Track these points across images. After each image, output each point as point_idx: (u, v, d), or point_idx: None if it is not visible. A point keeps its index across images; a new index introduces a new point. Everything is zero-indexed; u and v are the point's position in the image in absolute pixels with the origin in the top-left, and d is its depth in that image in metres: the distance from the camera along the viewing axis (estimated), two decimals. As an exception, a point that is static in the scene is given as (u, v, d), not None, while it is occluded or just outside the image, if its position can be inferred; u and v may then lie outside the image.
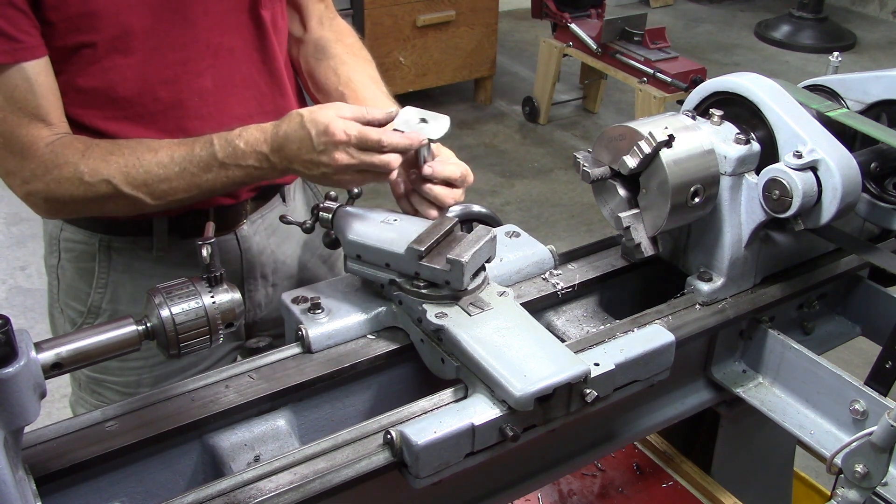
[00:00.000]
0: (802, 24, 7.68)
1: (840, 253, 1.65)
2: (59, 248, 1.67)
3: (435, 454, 1.13)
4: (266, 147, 1.39)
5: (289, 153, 1.37)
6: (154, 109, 1.50)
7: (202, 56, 1.51)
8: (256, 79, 1.60)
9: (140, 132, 1.50)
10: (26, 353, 0.92)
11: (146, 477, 1.22)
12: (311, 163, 1.36)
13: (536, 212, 5.02)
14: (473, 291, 1.32)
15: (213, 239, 1.11)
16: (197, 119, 1.54)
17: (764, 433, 1.82)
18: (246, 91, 1.59)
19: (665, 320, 1.46)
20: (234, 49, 1.55)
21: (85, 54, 1.42)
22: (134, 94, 1.48)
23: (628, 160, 1.40)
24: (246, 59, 1.58)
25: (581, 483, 1.81)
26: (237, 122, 1.58)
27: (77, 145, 1.42)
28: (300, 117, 1.36)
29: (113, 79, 1.45)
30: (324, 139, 1.33)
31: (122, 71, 1.45)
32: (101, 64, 1.43)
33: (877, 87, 1.60)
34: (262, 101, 1.62)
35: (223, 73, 1.55)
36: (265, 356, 1.34)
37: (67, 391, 1.88)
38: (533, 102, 5.99)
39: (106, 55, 1.43)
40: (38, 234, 1.79)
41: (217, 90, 1.54)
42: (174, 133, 1.52)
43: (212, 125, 1.55)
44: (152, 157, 1.42)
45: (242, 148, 1.40)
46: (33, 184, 1.42)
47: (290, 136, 1.37)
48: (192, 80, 1.51)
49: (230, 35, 1.53)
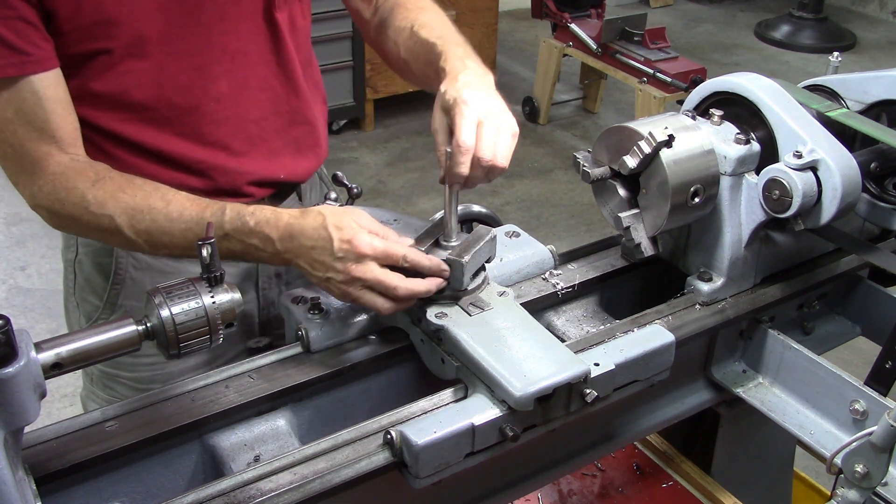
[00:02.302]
0: (802, 24, 7.68)
1: (840, 253, 1.65)
2: (77, 242, 1.68)
3: (435, 454, 1.13)
4: (275, 233, 1.33)
5: (299, 248, 1.32)
6: (169, 114, 1.50)
7: (217, 61, 1.51)
8: (272, 81, 1.61)
9: (156, 136, 1.50)
10: (26, 353, 0.92)
11: (146, 477, 1.22)
12: (322, 265, 1.30)
13: (536, 212, 5.02)
14: (473, 291, 1.32)
15: (213, 239, 1.11)
16: (212, 123, 1.54)
17: (764, 433, 1.82)
18: (261, 94, 1.59)
19: (665, 320, 1.46)
20: (248, 52, 1.55)
21: (100, 60, 1.41)
22: (149, 99, 1.47)
23: (628, 160, 1.40)
24: (261, 61, 1.58)
25: (581, 483, 1.81)
26: (252, 124, 1.59)
27: (88, 173, 1.40)
28: (322, 218, 1.30)
29: (128, 84, 1.45)
30: (346, 247, 1.28)
31: (137, 76, 1.45)
32: (116, 69, 1.43)
33: (877, 87, 1.60)
34: (278, 102, 1.62)
35: (238, 77, 1.55)
36: (265, 356, 1.34)
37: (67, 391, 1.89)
38: (533, 102, 5.99)
39: (121, 61, 1.42)
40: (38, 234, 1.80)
41: (232, 94, 1.55)
42: (190, 136, 1.52)
43: (227, 128, 1.55)
44: (162, 208, 1.37)
45: (251, 226, 1.34)
46: (40, 199, 1.42)
47: (306, 233, 1.31)
48: (208, 85, 1.51)
49: (245, 39, 1.54)
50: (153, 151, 1.51)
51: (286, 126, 1.64)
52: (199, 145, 1.54)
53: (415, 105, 5.90)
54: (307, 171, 1.72)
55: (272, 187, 1.67)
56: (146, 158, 1.51)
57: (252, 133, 1.59)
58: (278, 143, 1.64)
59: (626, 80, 5.32)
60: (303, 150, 1.70)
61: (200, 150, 1.54)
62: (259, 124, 1.60)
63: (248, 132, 1.58)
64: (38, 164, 1.40)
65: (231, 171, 1.58)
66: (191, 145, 1.53)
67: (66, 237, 1.72)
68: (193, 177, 1.55)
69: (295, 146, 1.67)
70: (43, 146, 1.39)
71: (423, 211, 4.79)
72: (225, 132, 1.55)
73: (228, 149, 1.56)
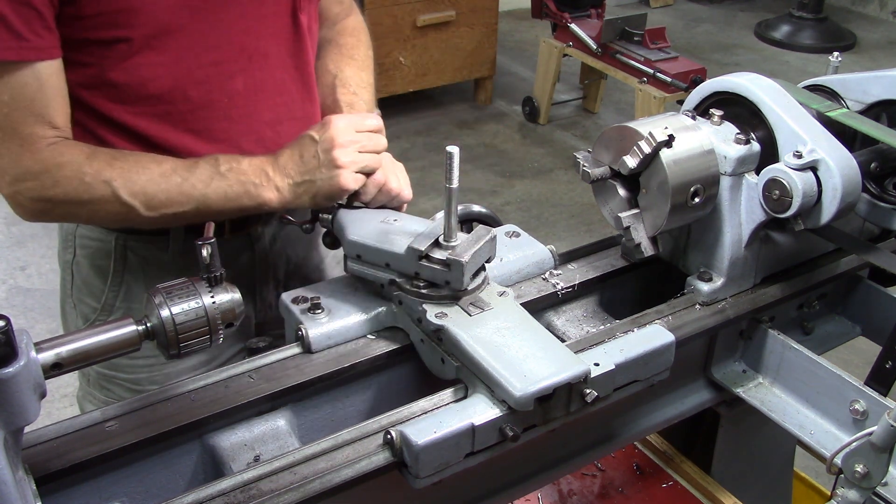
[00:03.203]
0: (802, 24, 7.68)
1: (840, 253, 1.65)
2: (75, 244, 1.68)
3: (435, 454, 1.13)
4: (268, 165, 1.47)
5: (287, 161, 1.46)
6: (184, 108, 1.51)
7: (235, 59, 1.52)
8: (289, 85, 1.61)
9: (168, 130, 1.51)
10: (26, 353, 0.92)
11: (146, 477, 1.22)
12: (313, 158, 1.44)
13: (536, 212, 5.02)
14: (473, 291, 1.32)
15: (213, 239, 1.11)
16: (225, 120, 1.54)
17: (764, 433, 1.82)
18: (277, 97, 1.60)
19: (665, 320, 1.46)
20: (268, 54, 1.56)
21: (119, 49, 1.42)
22: (164, 92, 1.48)
23: (628, 160, 1.40)
24: (280, 64, 1.59)
25: (581, 483, 1.81)
26: (266, 128, 1.59)
27: (82, 147, 1.44)
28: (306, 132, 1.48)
29: (145, 75, 1.46)
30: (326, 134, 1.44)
31: (154, 68, 1.46)
32: (134, 60, 1.44)
33: (877, 87, 1.60)
34: (293, 107, 1.63)
35: (255, 78, 1.56)
36: (265, 356, 1.34)
37: (67, 391, 1.89)
38: (533, 102, 6.00)
39: (140, 51, 1.43)
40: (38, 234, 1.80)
41: (248, 93, 1.55)
42: (202, 133, 1.53)
43: (240, 128, 1.55)
44: (155, 168, 1.44)
45: (245, 166, 1.46)
46: (25, 182, 1.42)
47: (290, 145, 1.47)
48: (224, 82, 1.52)
49: (266, 40, 1.55)
50: (163, 147, 1.51)
51: (301, 132, 1.64)
52: (210, 143, 1.54)
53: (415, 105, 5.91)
54: None
55: None
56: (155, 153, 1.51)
57: (265, 136, 1.59)
58: None
59: (626, 80, 5.32)
60: None
61: (210, 147, 1.53)
62: (274, 128, 1.60)
63: (261, 135, 1.59)
64: (29, 143, 1.40)
65: None
66: (201, 142, 1.53)
67: (63, 238, 1.72)
68: None
69: None
70: (38, 129, 1.40)
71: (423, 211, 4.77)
72: (237, 131, 1.55)
73: (239, 149, 1.56)
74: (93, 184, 1.41)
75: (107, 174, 1.41)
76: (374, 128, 1.51)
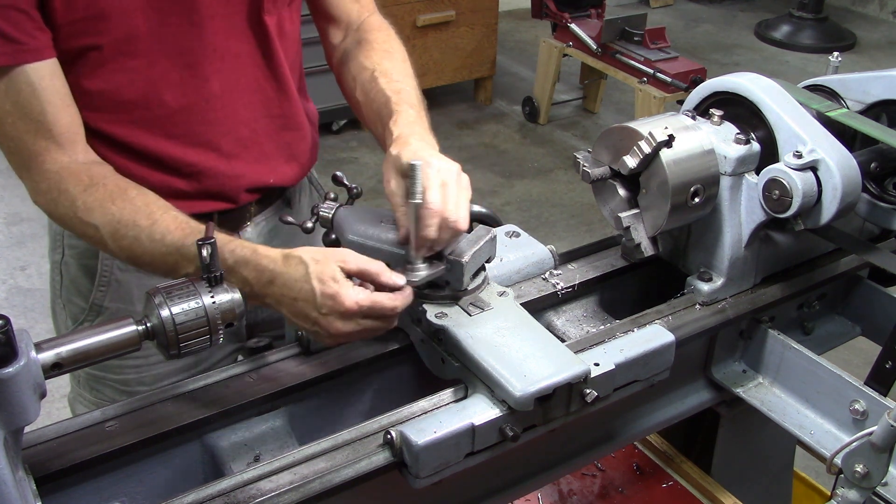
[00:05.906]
0: (802, 24, 7.67)
1: (840, 253, 1.65)
2: (64, 244, 1.68)
3: (435, 454, 1.13)
4: (253, 275, 1.28)
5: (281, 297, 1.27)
6: (160, 113, 1.49)
7: (209, 60, 1.50)
8: (262, 84, 1.60)
9: (146, 137, 1.49)
10: (26, 353, 0.92)
11: (146, 477, 1.22)
12: (305, 317, 1.26)
13: (536, 212, 5.01)
14: (473, 291, 1.32)
15: (213, 239, 1.11)
16: (204, 123, 1.53)
17: (764, 433, 1.82)
18: (252, 96, 1.59)
19: (665, 320, 1.46)
20: (239, 54, 1.55)
21: (91, 57, 1.41)
22: (140, 98, 1.47)
23: (628, 160, 1.40)
24: (251, 63, 1.57)
25: (581, 483, 1.81)
26: (244, 127, 1.58)
27: (82, 177, 1.39)
28: (304, 268, 1.24)
29: (119, 82, 1.45)
30: (330, 304, 1.22)
31: (128, 74, 1.44)
32: (107, 66, 1.43)
33: (877, 87, 1.60)
34: (269, 105, 1.62)
35: (230, 78, 1.54)
36: (265, 356, 1.34)
37: (67, 391, 1.88)
38: (533, 102, 5.99)
39: (112, 58, 1.42)
40: (38, 234, 1.80)
41: (224, 94, 1.54)
42: (181, 138, 1.51)
43: (219, 129, 1.54)
44: (147, 226, 1.34)
45: (230, 263, 1.28)
46: (36, 197, 1.43)
47: (287, 283, 1.25)
48: (200, 85, 1.51)
49: (235, 40, 1.53)
50: (142, 153, 1.51)
51: (278, 130, 1.64)
52: (190, 147, 1.53)
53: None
54: (296, 177, 1.72)
55: (260, 192, 1.66)
56: (135, 160, 1.50)
57: (243, 135, 1.58)
58: (270, 146, 1.63)
59: (626, 80, 5.31)
60: (294, 155, 1.69)
61: (190, 151, 1.53)
62: (251, 126, 1.59)
63: (239, 134, 1.58)
64: (34, 161, 1.39)
65: (220, 174, 1.57)
66: (181, 147, 1.52)
67: (52, 238, 1.72)
68: (182, 179, 1.55)
69: (286, 151, 1.67)
70: (40, 141, 1.38)
71: (423, 211, 4.78)
72: (216, 133, 1.54)
73: (219, 150, 1.55)
74: (85, 222, 1.38)
75: (97, 218, 1.36)
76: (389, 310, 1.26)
